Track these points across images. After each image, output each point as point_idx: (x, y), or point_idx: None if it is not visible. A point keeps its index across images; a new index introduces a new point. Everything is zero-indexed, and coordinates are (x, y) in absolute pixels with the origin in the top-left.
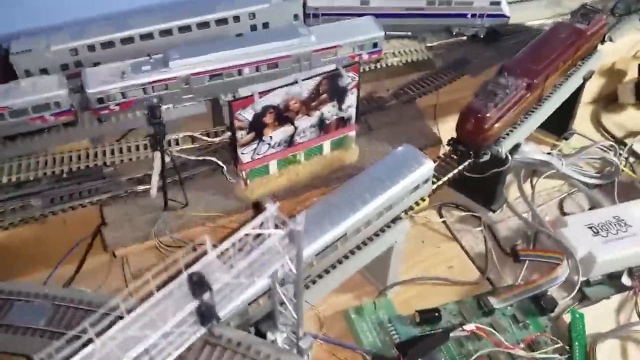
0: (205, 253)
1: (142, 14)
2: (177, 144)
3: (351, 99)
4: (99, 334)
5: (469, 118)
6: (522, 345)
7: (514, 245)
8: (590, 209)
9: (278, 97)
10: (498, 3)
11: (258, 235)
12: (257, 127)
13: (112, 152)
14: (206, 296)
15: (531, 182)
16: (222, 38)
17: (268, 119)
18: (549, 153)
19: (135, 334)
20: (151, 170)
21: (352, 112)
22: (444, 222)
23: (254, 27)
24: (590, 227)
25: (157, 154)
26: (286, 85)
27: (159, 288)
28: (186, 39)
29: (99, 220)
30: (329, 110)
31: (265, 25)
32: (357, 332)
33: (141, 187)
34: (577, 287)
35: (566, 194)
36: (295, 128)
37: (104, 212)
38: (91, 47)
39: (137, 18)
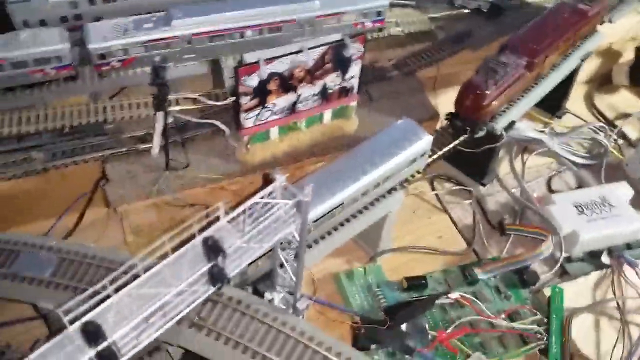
0: (217, 218)
1: None
2: (178, 104)
3: (354, 70)
4: (117, 290)
5: (469, 94)
6: (502, 316)
7: (501, 220)
8: (577, 187)
9: (284, 65)
10: None
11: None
12: (261, 94)
13: (113, 109)
14: (219, 259)
15: (522, 158)
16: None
17: (272, 86)
18: (541, 131)
19: (150, 291)
20: (152, 129)
21: (355, 82)
22: (435, 194)
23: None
24: (576, 206)
25: (160, 114)
26: (292, 54)
27: (173, 250)
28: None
29: (99, 176)
30: (332, 80)
31: None
32: (346, 295)
33: (143, 146)
34: (559, 263)
35: (555, 172)
36: (299, 96)
37: (106, 168)
38: (92, 1)
39: None
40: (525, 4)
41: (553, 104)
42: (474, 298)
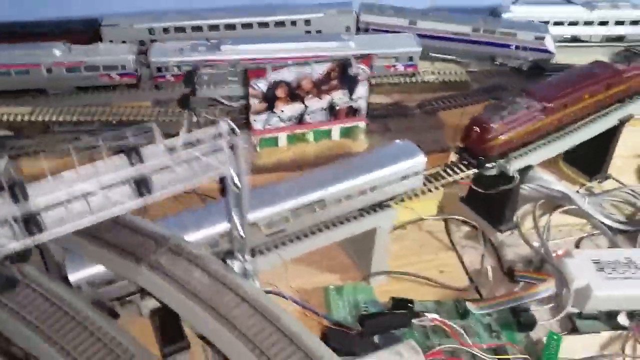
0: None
1: (213, 10)
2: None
3: (361, 91)
4: None
5: (474, 126)
6: (484, 346)
7: (512, 266)
8: None
9: (290, 74)
10: (542, 38)
11: None
12: (269, 99)
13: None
14: (141, 168)
15: (549, 214)
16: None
17: (280, 92)
18: (577, 192)
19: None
20: (180, 128)
21: (362, 104)
22: (448, 233)
23: (307, 33)
24: (596, 262)
25: (187, 112)
26: (298, 64)
27: None
28: (247, 35)
29: None
30: (340, 98)
31: (319, 32)
32: (330, 307)
33: None
34: (563, 312)
35: (586, 234)
36: (306, 107)
37: None
38: (166, 30)
39: (209, 13)
40: (568, 66)
41: (592, 166)
42: (455, 326)
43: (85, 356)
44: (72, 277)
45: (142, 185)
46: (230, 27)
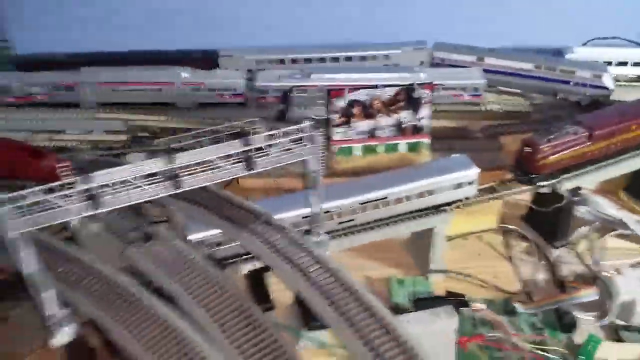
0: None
1: (308, 47)
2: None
3: (424, 112)
4: None
5: (525, 146)
6: (525, 335)
7: (564, 278)
8: None
9: (364, 95)
10: (600, 75)
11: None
12: (346, 115)
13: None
14: (247, 149)
15: (604, 237)
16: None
17: (356, 110)
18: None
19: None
20: None
21: (426, 123)
22: (505, 246)
23: (386, 69)
24: None
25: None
26: (369, 87)
27: None
28: (335, 67)
29: None
30: (406, 117)
31: (396, 65)
32: (391, 294)
33: None
34: (606, 319)
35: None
36: (377, 123)
37: None
38: (269, 61)
39: (304, 48)
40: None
41: None
42: (498, 316)
43: (198, 292)
44: (191, 237)
45: (249, 161)
46: (321, 60)
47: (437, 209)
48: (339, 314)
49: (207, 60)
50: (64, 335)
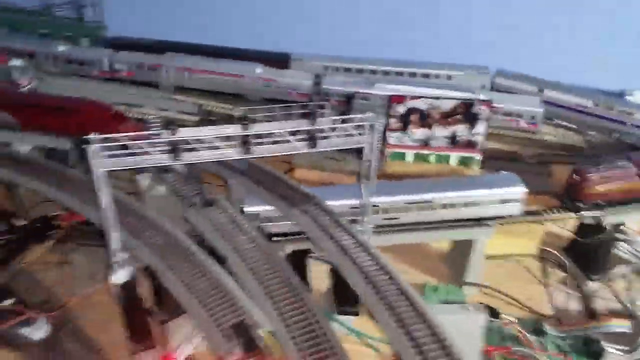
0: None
1: (374, 60)
2: None
3: (480, 128)
4: None
5: (574, 174)
6: (552, 354)
7: (596, 309)
8: None
9: (424, 104)
10: None
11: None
12: (404, 121)
13: None
14: (313, 128)
15: None
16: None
17: (413, 118)
18: None
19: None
20: None
21: (480, 139)
22: (542, 272)
23: (447, 86)
24: None
25: None
26: (431, 98)
27: None
28: (397, 80)
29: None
30: (461, 131)
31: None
32: (425, 299)
33: None
34: (635, 355)
35: None
36: (432, 134)
37: None
38: (337, 68)
39: (371, 60)
40: None
41: None
42: (527, 333)
43: (248, 257)
44: (246, 209)
45: (312, 140)
46: (386, 73)
47: (480, 221)
48: (376, 293)
49: (279, 61)
50: (122, 275)
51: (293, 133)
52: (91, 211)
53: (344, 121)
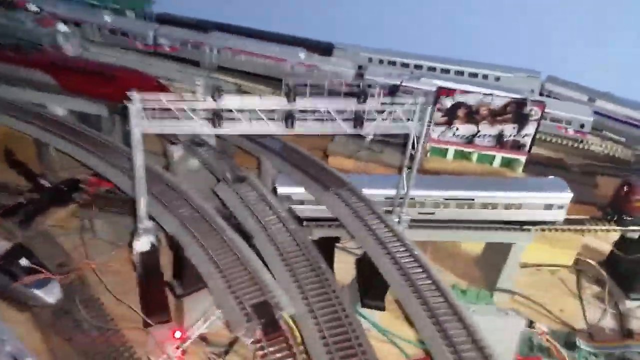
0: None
1: (420, 55)
2: None
3: (530, 129)
4: None
5: (623, 186)
6: None
7: (631, 329)
8: None
9: (473, 99)
10: None
11: None
12: (450, 115)
13: None
14: (360, 107)
15: None
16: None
17: (460, 112)
18: None
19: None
20: None
21: (528, 141)
22: (578, 286)
23: (495, 87)
24: None
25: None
26: (483, 93)
27: None
28: (443, 77)
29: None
30: (509, 131)
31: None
32: None
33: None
34: None
35: None
36: (478, 131)
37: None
38: (381, 60)
39: (417, 56)
40: None
41: None
42: (559, 345)
43: (275, 236)
44: (280, 190)
45: (358, 121)
46: (431, 69)
47: (521, 225)
48: (410, 286)
49: (322, 49)
50: (145, 243)
51: (339, 112)
52: (121, 177)
53: (393, 104)
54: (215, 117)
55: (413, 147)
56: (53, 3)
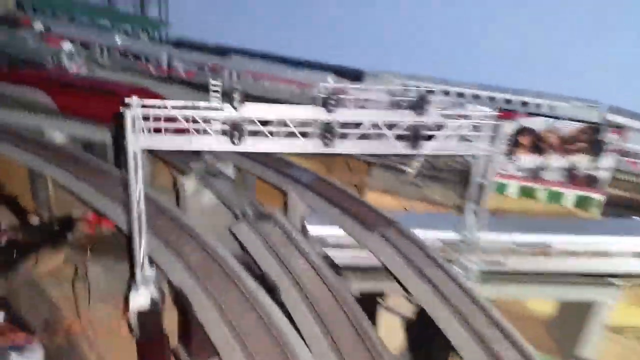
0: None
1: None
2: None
3: (608, 162)
4: None
5: None
6: None
7: None
8: None
9: (540, 124)
10: None
11: None
12: (511, 142)
13: None
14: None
15: None
16: None
17: (523, 139)
18: None
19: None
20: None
21: (605, 176)
22: None
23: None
24: None
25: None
26: (550, 116)
27: None
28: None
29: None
30: (582, 163)
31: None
32: None
33: (403, 166)
34: None
35: None
36: (545, 162)
37: (369, 169)
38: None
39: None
40: None
41: None
42: None
43: (307, 287)
44: (311, 230)
45: (416, 138)
46: (476, 97)
47: (604, 278)
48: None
49: (352, 75)
50: (144, 298)
51: (390, 126)
52: (121, 214)
53: (459, 117)
54: (235, 130)
55: (480, 178)
56: (63, 23)
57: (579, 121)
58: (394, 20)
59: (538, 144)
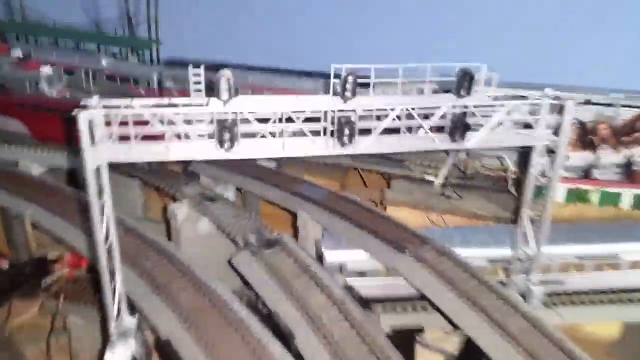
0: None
1: None
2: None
3: None
4: None
5: None
6: None
7: None
8: None
9: (589, 113)
10: None
11: None
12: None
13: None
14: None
15: None
16: None
17: (571, 133)
18: None
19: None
20: (441, 165)
21: None
22: None
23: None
24: None
25: (452, 154)
26: (601, 104)
27: None
28: None
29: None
30: None
31: None
32: None
33: (428, 176)
34: None
35: None
36: (597, 159)
37: (391, 182)
38: None
39: None
40: None
41: None
42: None
43: (328, 330)
44: (328, 256)
45: (457, 128)
46: None
47: None
48: None
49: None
50: (120, 357)
51: (426, 115)
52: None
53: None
54: (224, 132)
55: (539, 175)
56: (45, 49)
57: (634, 107)
58: (393, 21)
59: (587, 138)
